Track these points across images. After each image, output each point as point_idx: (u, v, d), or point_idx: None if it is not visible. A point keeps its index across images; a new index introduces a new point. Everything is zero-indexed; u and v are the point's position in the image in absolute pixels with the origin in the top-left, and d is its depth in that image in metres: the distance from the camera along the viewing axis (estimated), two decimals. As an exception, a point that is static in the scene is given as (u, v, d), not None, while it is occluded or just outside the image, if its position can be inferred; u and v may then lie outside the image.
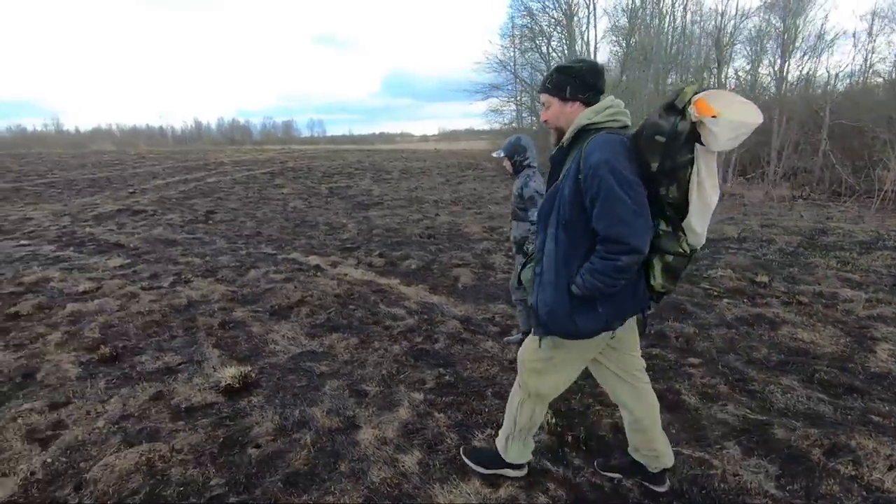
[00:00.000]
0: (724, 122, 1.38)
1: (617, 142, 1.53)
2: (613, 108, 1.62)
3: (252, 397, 2.77)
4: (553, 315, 1.65)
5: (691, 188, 1.50)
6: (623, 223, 1.48)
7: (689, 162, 1.47)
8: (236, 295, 4.58)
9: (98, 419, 2.52)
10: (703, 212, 1.53)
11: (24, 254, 6.37)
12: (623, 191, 1.47)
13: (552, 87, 1.69)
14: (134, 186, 13.70)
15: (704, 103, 1.40)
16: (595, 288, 1.55)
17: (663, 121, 1.47)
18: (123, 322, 3.88)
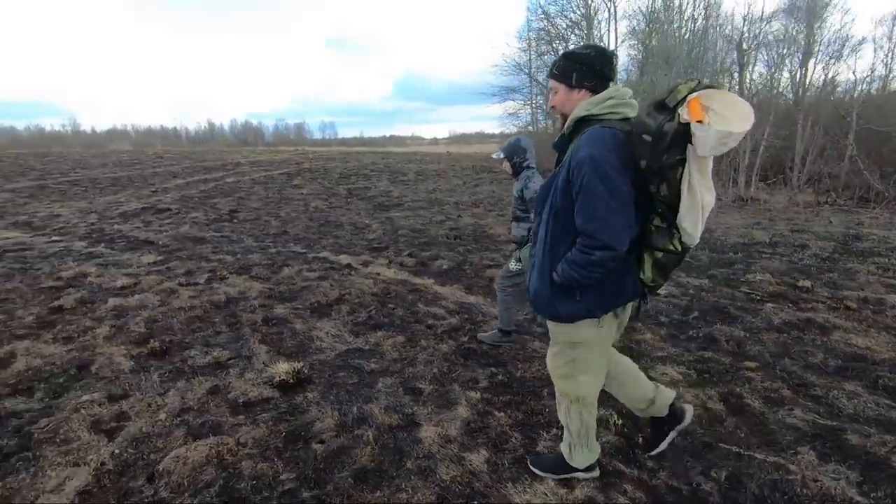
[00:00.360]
0: (710, 129, 1.32)
1: (608, 136, 1.51)
2: (614, 100, 1.59)
3: (307, 393, 2.76)
4: (538, 297, 1.73)
5: (682, 188, 1.46)
6: (599, 220, 1.48)
7: (679, 162, 1.43)
8: (273, 292, 4.58)
9: (159, 412, 2.51)
10: (693, 212, 1.49)
11: (58, 249, 6.45)
12: (604, 188, 1.46)
13: (559, 73, 1.68)
14: (155, 185, 13.85)
15: (697, 105, 1.34)
16: (571, 278, 1.58)
17: (650, 119, 1.43)
18: (167, 317, 3.89)
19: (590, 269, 1.54)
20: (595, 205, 1.48)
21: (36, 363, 3.08)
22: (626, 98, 1.61)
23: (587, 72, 1.62)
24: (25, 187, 12.97)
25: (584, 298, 1.63)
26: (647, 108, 1.47)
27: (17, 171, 16.69)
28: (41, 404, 2.62)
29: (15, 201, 10.77)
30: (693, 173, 1.44)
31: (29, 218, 8.85)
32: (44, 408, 2.58)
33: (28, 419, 2.47)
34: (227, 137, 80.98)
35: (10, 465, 2.13)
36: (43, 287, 4.73)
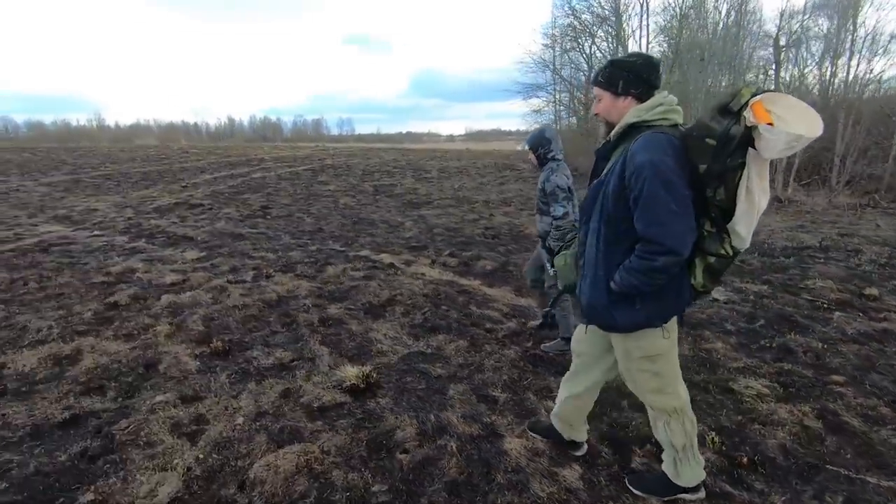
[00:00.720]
0: (780, 132, 1.32)
1: (665, 141, 1.50)
2: (665, 107, 1.58)
3: (378, 399, 2.70)
4: (592, 308, 1.71)
5: (739, 192, 1.47)
6: (662, 224, 1.46)
7: (740, 166, 1.43)
8: (322, 291, 4.54)
9: (236, 416, 2.48)
10: (749, 216, 1.49)
11: (101, 244, 6.52)
12: (665, 192, 1.45)
13: (605, 80, 1.67)
14: (185, 180, 14.00)
15: (762, 108, 1.34)
16: (631, 286, 1.55)
17: (715, 123, 1.43)
18: (223, 316, 3.88)
19: (651, 276, 1.52)
20: (657, 210, 1.46)
21: (103, 361, 3.08)
22: (674, 105, 1.61)
23: (634, 79, 1.62)
24: (60, 181, 13.22)
25: (643, 307, 1.61)
26: (710, 113, 1.47)
27: (51, 165, 17.06)
28: (116, 404, 2.60)
29: (52, 195, 10.97)
30: (752, 176, 1.45)
31: (68, 212, 9.00)
32: (119, 408, 2.57)
33: (106, 419, 2.46)
34: (247, 133, 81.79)
35: (97, 468, 2.10)
36: (94, 282, 4.77)
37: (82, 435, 2.33)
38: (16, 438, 2.29)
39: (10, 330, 3.55)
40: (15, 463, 2.13)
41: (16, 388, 2.75)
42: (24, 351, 3.19)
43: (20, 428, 2.36)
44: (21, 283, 4.74)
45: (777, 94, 1.37)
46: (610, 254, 1.62)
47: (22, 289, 4.56)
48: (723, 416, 2.54)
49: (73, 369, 2.99)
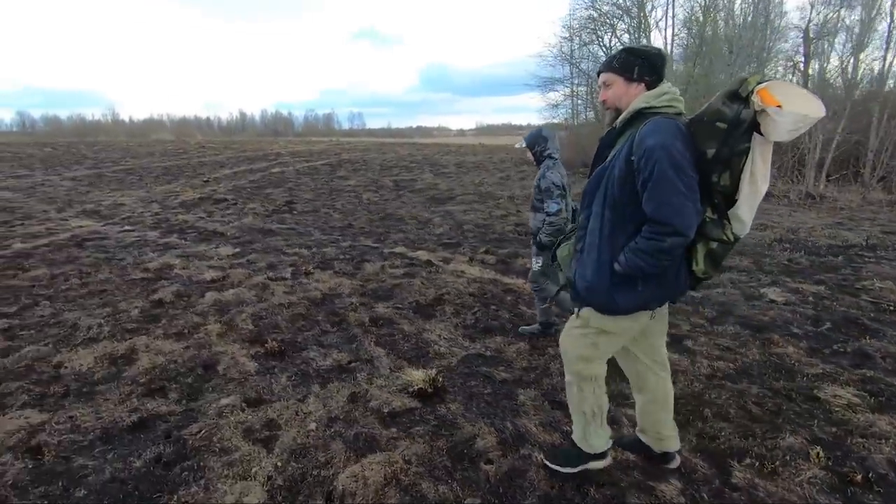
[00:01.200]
0: (788, 112, 1.39)
1: (673, 126, 1.54)
2: (670, 95, 1.63)
3: (448, 404, 2.60)
4: (592, 290, 1.71)
5: (743, 177, 1.52)
6: (671, 206, 1.49)
7: (745, 151, 1.49)
8: (366, 289, 4.46)
9: (308, 421, 2.39)
10: (752, 200, 1.55)
11: (134, 239, 6.50)
12: (675, 174, 1.48)
13: (619, 66, 1.69)
14: (205, 175, 14.01)
15: (768, 93, 1.40)
16: (637, 267, 1.57)
17: (726, 108, 1.48)
18: (270, 314, 3.81)
19: (658, 257, 1.54)
20: (667, 191, 1.49)
21: (160, 361, 3.02)
22: (677, 95, 1.66)
23: (648, 67, 1.66)
24: (84, 175, 13.30)
25: (645, 288, 1.64)
26: (720, 98, 1.52)
27: (73, 159, 17.17)
28: (180, 406, 2.54)
29: (77, 189, 11.02)
30: (757, 161, 1.50)
31: (95, 206, 9.02)
32: (185, 411, 2.50)
33: (174, 423, 2.39)
34: (258, 127, 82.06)
35: (175, 475, 2.03)
36: (134, 279, 4.73)
37: (153, 439, 2.26)
38: (86, 442, 2.23)
39: (60, 327, 3.51)
40: (90, 469, 2.06)
41: (77, 388, 2.70)
42: (79, 350, 3.14)
43: (90, 431, 2.30)
44: (62, 278, 4.71)
45: (780, 81, 1.44)
46: (614, 236, 1.64)
47: (64, 285, 4.53)
48: (815, 427, 2.41)
49: (130, 369, 2.93)
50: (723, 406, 2.58)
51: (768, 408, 2.57)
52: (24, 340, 3.29)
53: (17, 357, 3.00)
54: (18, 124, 59.04)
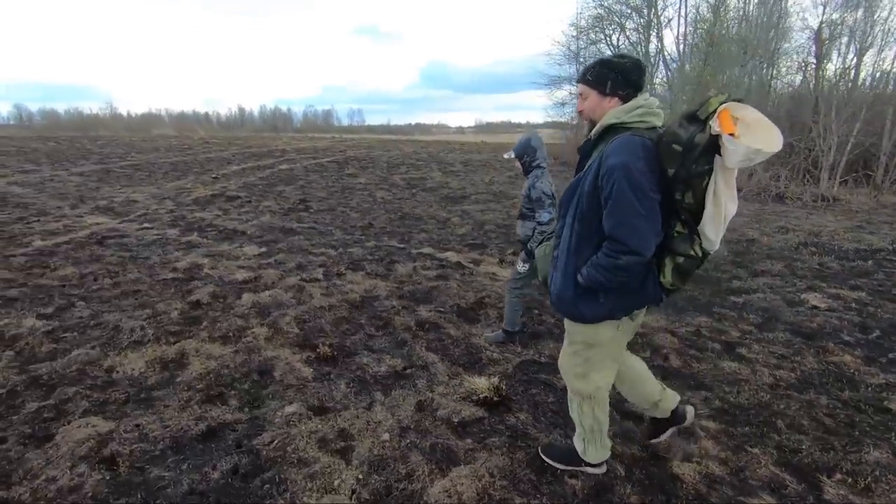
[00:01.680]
0: (741, 146, 1.38)
1: (638, 145, 1.54)
2: (643, 109, 1.62)
3: (515, 413, 2.56)
4: (561, 299, 1.77)
5: (707, 197, 1.51)
6: (627, 226, 1.52)
7: (707, 172, 1.48)
8: (402, 292, 4.40)
9: (379, 431, 2.34)
10: (717, 220, 1.54)
11: (154, 237, 6.41)
12: (633, 195, 1.50)
13: (593, 79, 1.69)
14: (214, 171, 13.87)
15: (728, 117, 1.40)
16: (595, 281, 1.62)
17: (682, 130, 1.49)
18: (313, 317, 3.75)
19: (615, 273, 1.58)
20: (625, 211, 1.52)
21: (212, 365, 2.96)
22: (653, 108, 1.64)
23: (622, 81, 1.65)
24: (92, 171, 13.14)
25: (606, 300, 1.68)
26: (678, 120, 1.52)
27: (78, 154, 16.98)
28: (245, 414, 2.48)
29: (87, 185, 10.89)
30: (719, 183, 1.49)
31: (108, 203, 8.91)
32: (250, 419, 2.44)
33: (242, 432, 2.34)
34: (257, 123, 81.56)
35: (256, 487, 1.98)
36: (165, 279, 4.66)
37: (224, 449, 2.21)
38: (157, 452, 2.18)
39: (102, 329, 3.45)
40: (167, 480, 2.01)
41: (135, 394, 2.64)
42: (128, 353, 3.08)
43: (159, 440, 2.24)
44: (91, 278, 4.64)
45: (742, 105, 1.43)
46: (580, 249, 1.68)
47: (95, 284, 4.46)
48: (895, 440, 2.38)
49: (183, 374, 2.87)
50: (795, 417, 2.55)
51: (841, 419, 2.54)
52: (68, 343, 3.22)
53: (67, 361, 2.94)
54: (16, 117, 58.42)
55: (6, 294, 4.11)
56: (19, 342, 3.18)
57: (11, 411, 2.45)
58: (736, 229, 7.49)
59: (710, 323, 3.82)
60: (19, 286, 4.36)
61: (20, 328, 3.38)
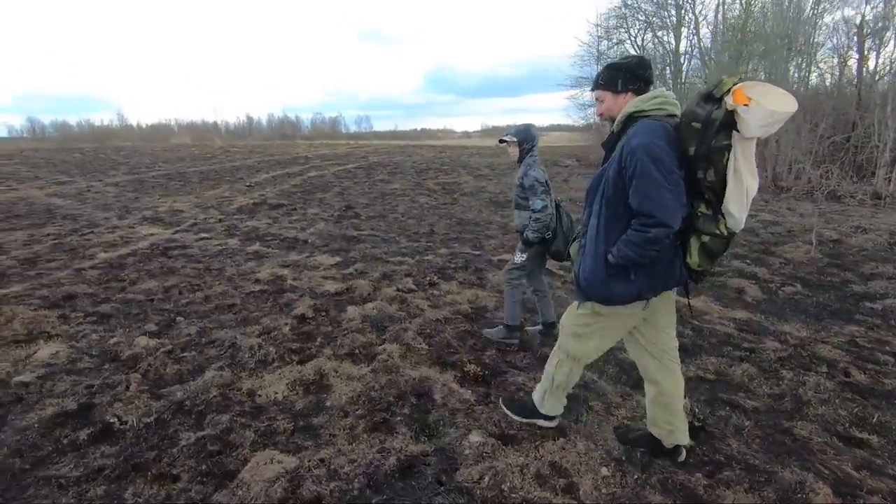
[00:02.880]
0: (756, 109, 1.45)
1: (658, 127, 1.64)
2: (661, 98, 1.72)
3: (729, 440, 2.28)
4: (590, 282, 1.80)
5: (728, 173, 1.58)
6: (653, 200, 1.59)
7: (726, 148, 1.55)
8: (510, 302, 4.14)
9: (593, 464, 2.07)
10: (739, 195, 1.59)
11: (217, 248, 6.20)
12: (657, 170, 1.58)
13: (605, 82, 1.83)
14: (245, 180, 13.70)
15: (741, 92, 1.48)
16: (628, 257, 1.67)
17: (699, 108, 1.58)
18: (435, 331, 3.49)
19: (646, 247, 1.63)
20: (649, 186, 1.60)
21: (357, 388, 2.70)
22: (670, 98, 1.74)
23: (630, 77, 1.77)
24: (125, 181, 13.00)
25: (638, 279, 1.72)
26: (695, 100, 1.62)
27: (107, 165, 16.88)
28: (427, 445, 2.21)
29: (125, 195, 10.73)
30: (738, 157, 1.56)
31: (154, 213, 8.73)
32: (436, 450, 2.18)
33: (436, 466, 2.07)
34: (265, 131, 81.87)
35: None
36: (253, 291, 4.43)
37: (427, 487, 1.95)
38: (356, 491, 1.92)
39: (219, 348, 3.20)
40: (385, 528, 1.75)
41: (293, 421, 2.38)
42: (263, 375, 2.83)
43: (352, 478, 1.98)
44: (176, 291, 4.42)
45: (756, 82, 1.51)
46: (609, 231, 1.74)
47: (182, 298, 4.23)
48: None
49: (330, 398, 2.62)
50: None
51: None
52: (191, 363, 2.98)
53: (202, 384, 2.69)
54: (29, 130, 58.84)
55: (99, 310, 3.89)
56: (141, 363, 2.94)
57: (168, 443, 2.21)
58: (810, 229, 7.19)
59: (864, 332, 3.54)
60: (106, 301, 4.14)
61: (134, 347, 3.15)
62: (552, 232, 2.98)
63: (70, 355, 3.08)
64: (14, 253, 5.90)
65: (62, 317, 3.74)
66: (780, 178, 11.59)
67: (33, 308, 3.94)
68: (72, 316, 3.77)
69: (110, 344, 3.23)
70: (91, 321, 3.68)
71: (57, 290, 4.40)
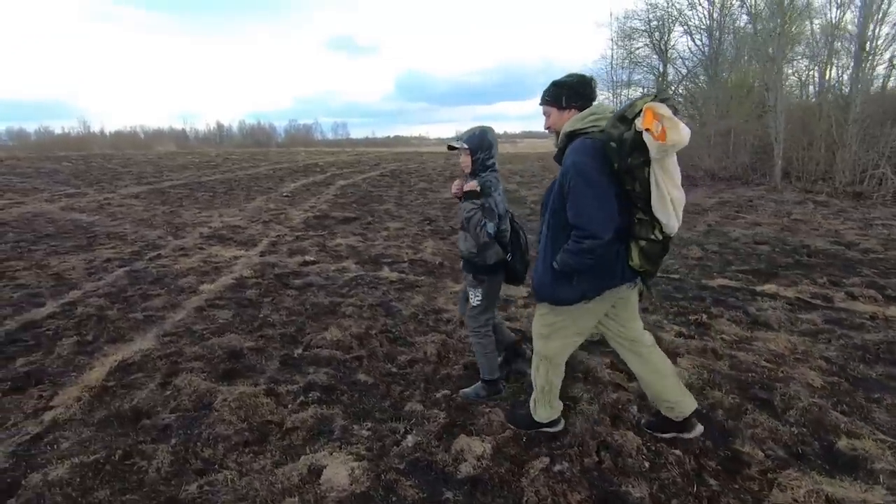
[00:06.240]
0: (653, 142, 1.62)
1: (589, 146, 1.79)
2: (595, 115, 1.85)
3: None
4: (541, 285, 2.00)
5: (651, 185, 1.71)
6: (584, 214, 1.76)
7: (644, 163, 1.68)
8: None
9: None
10: (663, 205, 1.72)
11: (337, 273, 5.18)
12: (587, 187, 1.75)
13: (550, 98, 1.98)
14: (275, 190, 12.44)
15: (650, 115, 1.62)
16: (568, 265, 1.84)
17: (615, 129, 1.72)
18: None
19: (582, 256, 1.79)
20: (581, 202, 1.76)
21: None
22: (605, 113, 1.85)
23: (573, 94, 1.93)
24: (142, 192, 11.51)
25: (579, 283, 1.88)
26: (612, 121, 1.75)
27: (108, 175, 15.04)
28: None
29: (156, 209, 9.38)
30: (657, 171, 1.69)
31: (211, 230, 7.54)
32: None
33: None
34: (236, 138, 78.96)
35: None
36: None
37: None
38: None
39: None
40: None
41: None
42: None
43: None
44: (376, 344, 3.41)
45: (662, 104, 1.64)
46: (555, 240, 1.90)
47: (401, 355, 3.23)
48: None
49: None
50: None
51: None
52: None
53: None
54: (-20, 138, 53.99)
55: (311, 379, 2.84)
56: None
57: None
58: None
59: None
60: (297, 362, 3.10)
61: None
62: (510, 252, 2.44)
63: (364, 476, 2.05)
64: (88, 287, 4.69)
65: (269, 393, 2.67)
66: (855, 183, 11.23)
67: (205, 375, 2.87)
68: (281, 392, 2.71)
69: (408, 447, 2.22)
70: (317, 399, 2.64)
71: (203, 344, 3.34)
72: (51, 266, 5.40)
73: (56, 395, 2.71)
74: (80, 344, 3.41)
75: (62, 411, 2.54)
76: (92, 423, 2.43)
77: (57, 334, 3.57)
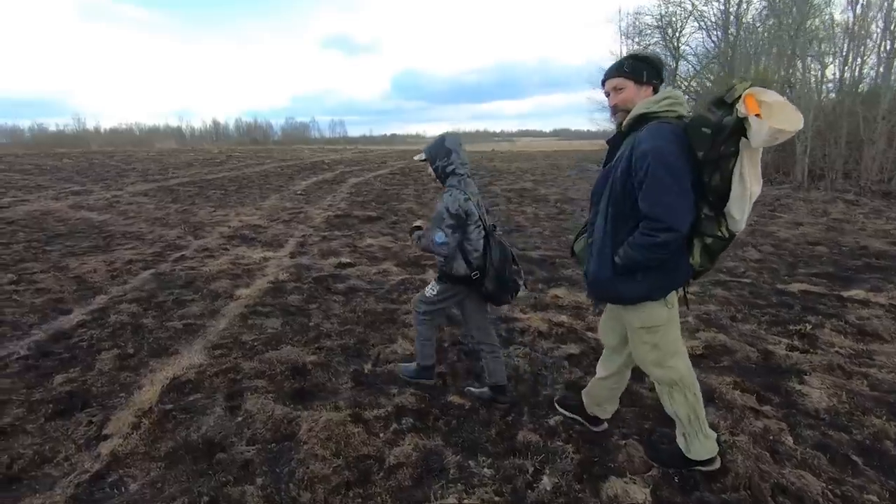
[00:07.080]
0: (764, 124, 1.45)
1: (668, 130, 1.63)
2: (671, 99, 1.70)
3: None
4: (597, 281, 1.83)
5: (734, 178, 1.59)
6: (663, 204, 1.59)
7: (733, 154, 1.56)
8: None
9: None
10: (742, 200, 1.60)
11: (380, 277, 4.83)
12: (667, 175, 1.58)
13: (630, 70, 1.77)
14: (286, 188, 12.06)
15: (753, 101, 1.48)
16: (634, 260, 1.68)
17: (711, 114, 1.57)
18: None
19: (652, 251, 1.63)
20: (659, 191, 1.59)
21: None
22: (680, 98, 1.73)
23: (654, 71, 1.76)
24: (151, 190, 11.09)
25: (645, 279, 1.72)
26: (707, 105, 1.62)
27: (112, 172, 14.60)
28: None
29: (168, 207, 8.98)
30: (745, 164, 1.57)
31: (230, 230, 7.16)
32: None
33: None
34: (232, 136, 78.55)
35: None
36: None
37: None
38: None
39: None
40: None
41: None
42: None
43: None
44: (453, 358, 3.07)
45: (764, 90, 1.50)
46: (616, 232, 1.73)
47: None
48: None
49: None
50: None
51: None
52: None
53: None
54: (-29, 134, 53.06)
55: (404, 403, 2.51)
56: None
57: None
58: None
59: None
60: (376, 379, 2.76)
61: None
62: (479, 270, 2.32)
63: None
64: (114, 292, 4.33)
65: (357, 420, 2.33)
66: (883, 181, 11.01)
67: (273, 396, 2.53)
68: (369, 418, 2.37)
69: (546, 490, 1.89)
70: (412, 427, 2.30)
71: (259, 358, 3.00)
72: (70, 268, 5.02)
73: (108, 422, 2.36)
74: (122, 358, 3.05)
75: (120, 442, 2.19)
76: (159, 458, 2.09)
77: (93, 346, 3.21)
